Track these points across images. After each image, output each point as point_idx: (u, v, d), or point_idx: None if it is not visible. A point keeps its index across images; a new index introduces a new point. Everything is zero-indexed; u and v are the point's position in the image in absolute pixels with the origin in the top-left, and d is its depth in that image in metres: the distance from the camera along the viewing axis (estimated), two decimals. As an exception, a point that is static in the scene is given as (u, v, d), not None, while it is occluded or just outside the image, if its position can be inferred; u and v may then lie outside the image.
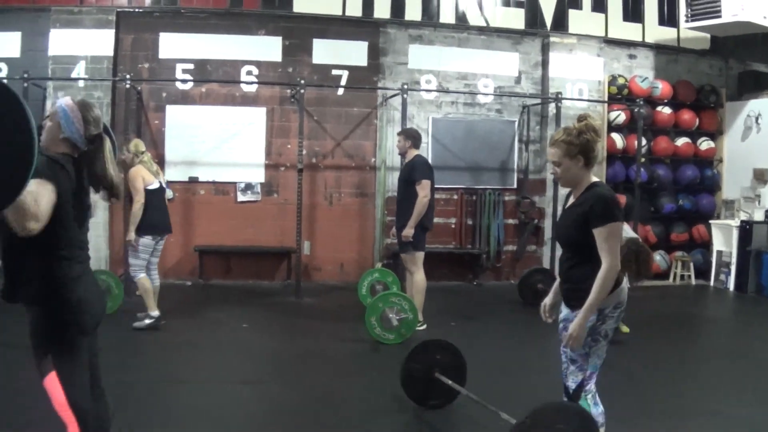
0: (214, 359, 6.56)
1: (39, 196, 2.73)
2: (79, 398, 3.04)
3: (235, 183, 10.19)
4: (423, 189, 7.32)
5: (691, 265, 11.32)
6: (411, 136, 7.66)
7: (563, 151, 3.61)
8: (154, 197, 7.28)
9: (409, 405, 5.06)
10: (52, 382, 2.97)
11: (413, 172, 7.41)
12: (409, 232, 7.30)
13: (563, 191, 5.06)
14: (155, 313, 7.21)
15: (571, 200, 3.75)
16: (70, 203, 2.99)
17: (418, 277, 7.50)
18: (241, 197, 10.18)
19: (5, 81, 3.66)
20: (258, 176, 10.21)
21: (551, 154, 3.67)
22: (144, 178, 7.21)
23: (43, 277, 2.98)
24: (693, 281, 11.33)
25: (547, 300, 3.95)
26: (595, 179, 3.68)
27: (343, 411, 5.21)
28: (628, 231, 4.63)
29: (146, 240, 7.21)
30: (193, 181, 10.09)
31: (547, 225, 10.76)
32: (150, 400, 5.19)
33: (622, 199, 9.97)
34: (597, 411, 3.66)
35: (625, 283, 3.73)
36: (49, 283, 2.98)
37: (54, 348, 2.99)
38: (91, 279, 3.21)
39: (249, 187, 10.18)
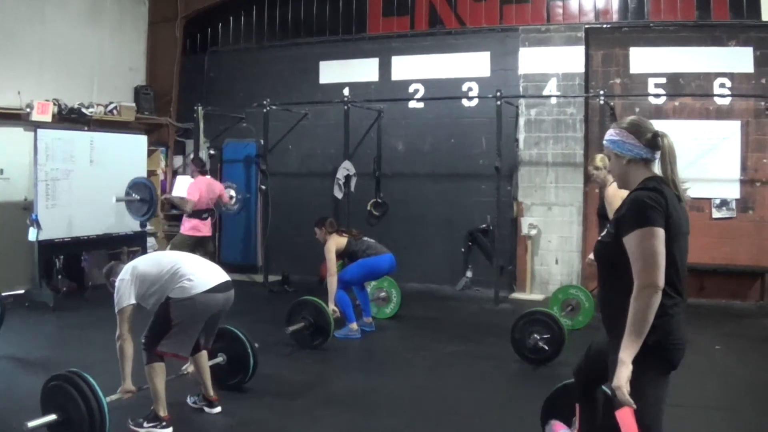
0: (686, 381, 6.15)
1: None
2: None
3: (710, 199, 9.84)
4: None
5: None
6: None
7: None
8: None
9: None
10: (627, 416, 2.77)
11: None
12: None
13: None
14: None
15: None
16: None
17: None
18: (716, 214, 9.82)
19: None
20: (733, 192, 9.78)
21: None
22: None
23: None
24: None
25: None
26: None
27: None
28: None
29: None
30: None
31: None
32: None
33: None
34: None
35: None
36: None
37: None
38: None
39: (724, 203, 9.81)
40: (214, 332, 5.28)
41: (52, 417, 4.36)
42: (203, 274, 4.83)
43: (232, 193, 11.07)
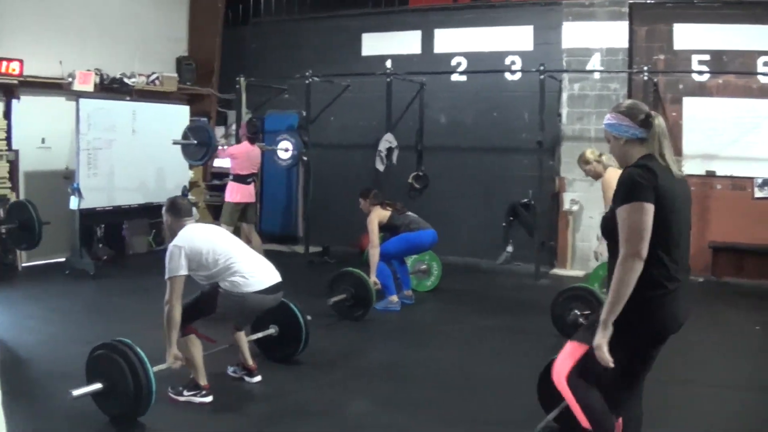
0: (724, 361, 6.15)
1: None
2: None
3: (752, 178, 9.68)
4: None
5: None
6: None
7: None
8: None
9: None
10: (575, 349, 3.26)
11: None
12: None
13: None
14: None
15: None
16: None
17: None
18: (758, 193, 9.67)
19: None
20: (776, 172, 9.68)
21: None
22: None
23: None
24: None
25: None
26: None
27: None
28: None
29: None
30: (710, 175, 9.76)
31: None
32: (655, 399, 4.92)
33: None
34: None
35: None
36: None
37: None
38: None
39: (766, 183, 9.69)
40: (252, 321, 5.42)
41: (98, 386, 4.42)
42: (258, 274, 4.87)
43: (289, 145, 11.16)
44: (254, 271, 4.86)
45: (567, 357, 3.34)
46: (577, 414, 3.32)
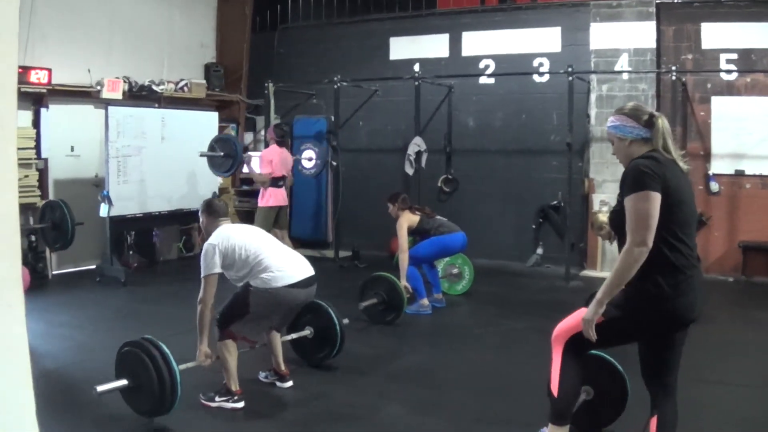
0: (756, 361, 6.08)
1: None
2: None
3: (781, 176, 9.61)
4: None
5: None
6: None
7: None
8: None
9: None
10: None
11: None
12: None
13: None
14: None
15: None
16: None
17: None
18: (789, 192, 9.60)
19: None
20: (805, 170, 9.56)
21: None
22: None
23: None
24: None
25: None
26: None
27: None
28: None
29: None
30: (740, 174, 9.67)
31: None
32: (687, 399, 4.85)
33: None
34: None
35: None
36: None
37: None
38: None
39: (795, 181, 9.58)
40: (290, 320, 5.42)
41: (123, 382, 4.50)
42: (288, 268, 4.87)
43: (312, 154, 11.20)
44: (284, 265, 4.86)
45: (572, 320, 3.54)
46: (553, 376, 3.53)
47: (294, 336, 5.57)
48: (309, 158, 11.55)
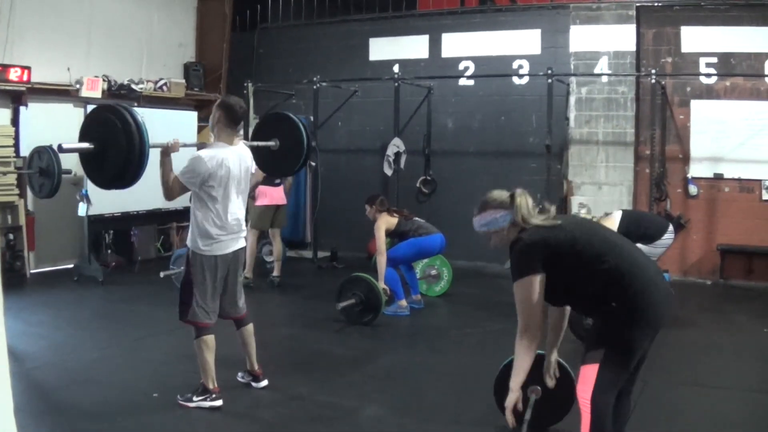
0: (733, 364, 6.13)
1: None
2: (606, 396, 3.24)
3: (760, 180, 9.66)
4: None
5: None
6: None
7: None
8: None
9: None
10: (589, 371, 3.23)
11: None
12: None
13: None
14: None
15: None
16: None
17: None
18: (766, 195, 9.63)
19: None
20: (784, 174, 9.65)
21: None
22: None
23: None
24: None
25: None
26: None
27: None
28: None
29: None
30: (718, 177, 9.74)
31: None
32: (665, 402, 4.91)
33: None
34: None
35: None
36: None
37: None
38: None
39: (774, 185, 9.67)
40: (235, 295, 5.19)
41: (88, 145, 4.53)
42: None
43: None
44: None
45: (585, 381, 3.35)
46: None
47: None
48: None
